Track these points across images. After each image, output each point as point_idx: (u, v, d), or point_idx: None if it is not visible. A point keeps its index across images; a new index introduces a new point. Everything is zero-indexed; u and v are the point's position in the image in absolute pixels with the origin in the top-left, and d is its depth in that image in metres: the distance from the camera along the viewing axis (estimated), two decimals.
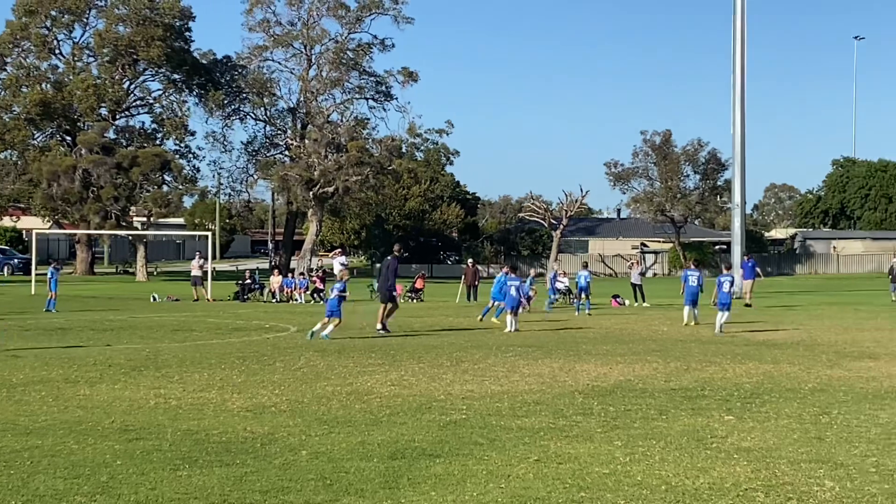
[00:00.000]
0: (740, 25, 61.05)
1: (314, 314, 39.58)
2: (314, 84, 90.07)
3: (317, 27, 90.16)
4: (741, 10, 60.95)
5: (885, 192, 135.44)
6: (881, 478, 10.69)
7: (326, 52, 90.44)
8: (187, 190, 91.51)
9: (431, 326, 32.59)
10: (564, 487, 10.28)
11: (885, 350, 24.62)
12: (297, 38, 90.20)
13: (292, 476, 10.81)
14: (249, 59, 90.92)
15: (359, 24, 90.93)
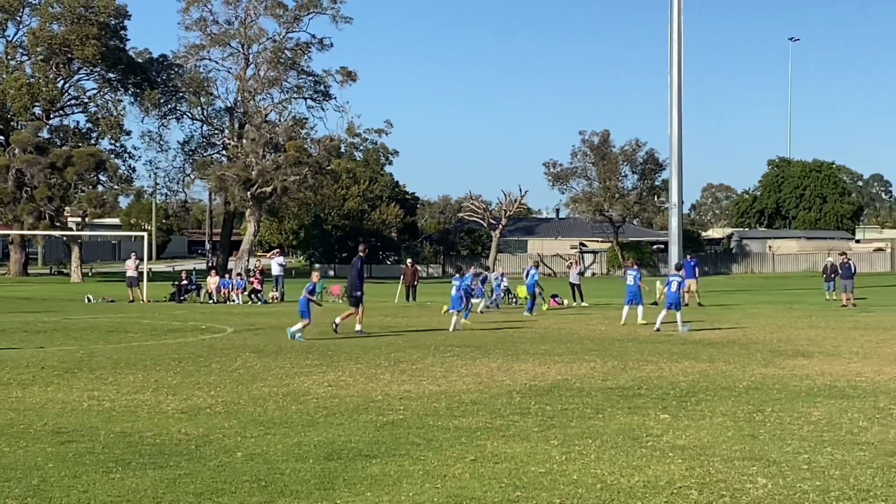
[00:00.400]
0: (677, 26, 61.42)
1: (251, 315, 39.47)
2: (252, 83, 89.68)
3: (254, 26, 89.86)
4: (678, 11, 61.32)
5: (820, 192, 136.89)
6: (813, 475, 10.77)
7: (264, 51, 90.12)
8: (123, 190, 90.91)
9: (369, 327, 32.45)
10: (500, 487, 10.28)
11: (819, 348, 24.84)
12: (234, 37, 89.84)
13: (227, 478, 10.73)
14: (186, 58, 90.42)
15: (297, 23, 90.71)
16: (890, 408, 15.24)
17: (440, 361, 21.88)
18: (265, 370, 20.36)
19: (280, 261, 56.13)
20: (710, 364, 21.29)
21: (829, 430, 13.37)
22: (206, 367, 20.88)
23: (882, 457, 11.69)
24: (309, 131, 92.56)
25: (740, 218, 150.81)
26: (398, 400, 16.19)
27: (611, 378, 18.99)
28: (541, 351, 24.21)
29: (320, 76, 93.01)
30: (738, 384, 18.06)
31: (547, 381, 18.63)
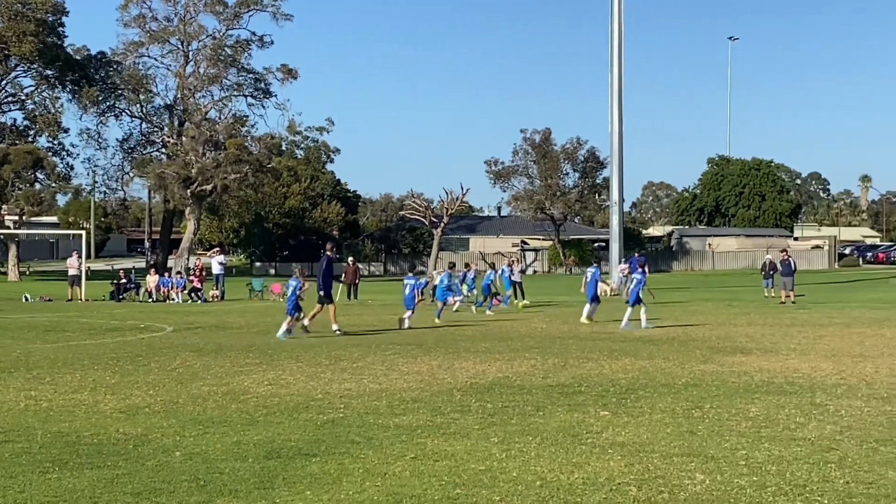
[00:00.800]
0: (617, 25, 61.79)
1: (191, 314, 39.25)
2: (191, 81, 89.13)
3: (194, 23, 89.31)
4: (618, 10, 61.66)
5: (759, 190, 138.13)
6: (750, 470, 10.86)
7: (204, 48, 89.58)
8: (61, 188, 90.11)
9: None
10: (440, 485, 10.27)
11: (757, 345, 25.05)
12: (173, 34, 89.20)
13: (165, 477, 10.66)
14: (125, 55, 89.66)
15: (237, 20, 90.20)
16: (827, 404, 15.38)
17: (381, 360, 21.86)
18: (205, 369, 20.25)
19: (220, 259, 55.89)
20: (649, 361, 21.40)
21: (766, 426, 13.48)
22: (145, 367, 20.74)
23: (818, 452, 11.79)
24: (249, 129, 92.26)
25: (680, 216, 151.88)
26: (339, 398, 16.15)
27: (551, 375, 19.05)
28: (482, 349, 24.24)
29: (261, 74, 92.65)
30: (678, 381, 18.17)
31: (488, 378, 18.66)
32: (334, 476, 10.69)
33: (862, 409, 14.94)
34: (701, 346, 24.69)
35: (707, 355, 22.60)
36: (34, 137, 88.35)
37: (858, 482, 10.34)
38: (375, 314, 38.19)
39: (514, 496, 9.86)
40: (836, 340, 26.29)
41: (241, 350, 24.10)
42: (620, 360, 21.51)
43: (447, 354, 22.80)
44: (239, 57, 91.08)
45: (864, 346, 24.52)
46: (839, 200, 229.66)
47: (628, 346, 24.72)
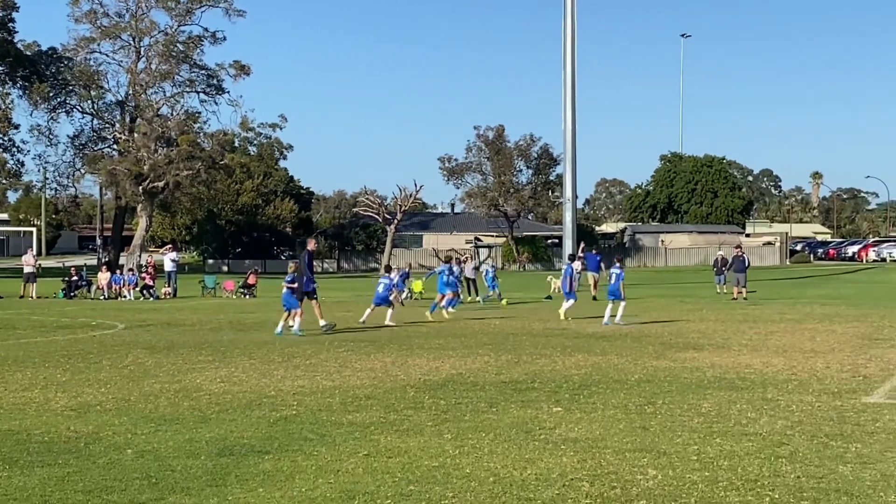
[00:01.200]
0: (571, 22, 61.92)
1: (143, 311, 39.05)
2: (143, 77, 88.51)
3: (146, 19, 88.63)
4: (571, 7, 61.80)
5: (711, 186, 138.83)
6: (702, 465, 10.92)
7: (156, 44, 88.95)
8: (11, 185, 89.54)
9: (264, 322, 32.31)
10: (394, 481, 10.27)
11: (709, 341, 25.19)
12: (125, 29, 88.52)
13: (117, 475, 10.59)
14: (76, 50, 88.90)
15: (189, 16, 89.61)
16: (778, 399, 15.49)
17: (334, 357, 21.82)
18: (157, 366, 20.15)
19: (173, 256, 55.62)
20: (602, 357, 21.48)
21: (718, 422, 13.56)
22: (97, 364, 20.62)
23: (770, 447, 11.87)
24: (202, 125, 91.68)
25: (633, 212, 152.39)
26: (291, 395, 16.11)
27: (504, 372, 19.08)
28: (435, 345, 24.25)
29: (213, 70, 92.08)
30: (630, 377, 18.25)
31: (441, 375, 18.67)
32: (287, 473, 10.66)
33: (813, 404, 15.05)
34: (654, 343, 24.80)
35: (660, 351, 22.71)
36: None
37: (809, 477, 10.42)
38: (328, 311, 38.05)
39: (467, 492, 9.86)
40: (787, 336, 26.48)
41: (194, 347, 23.99)
42: (573, 357, 21.57)
43: (401, 351, 22.80)
44: (191, 53, 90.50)
45: (815, 342, 24.70)
46: (790, 197, 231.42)
47: (581, 342, 24.80)
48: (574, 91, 62.15)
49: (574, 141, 62.30)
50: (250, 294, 52.52)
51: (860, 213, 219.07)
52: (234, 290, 53.80)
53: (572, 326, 29.89)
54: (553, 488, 9.98)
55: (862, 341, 24.85)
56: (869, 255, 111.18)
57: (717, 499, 9.62)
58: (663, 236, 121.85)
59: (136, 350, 23.36)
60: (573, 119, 62.11)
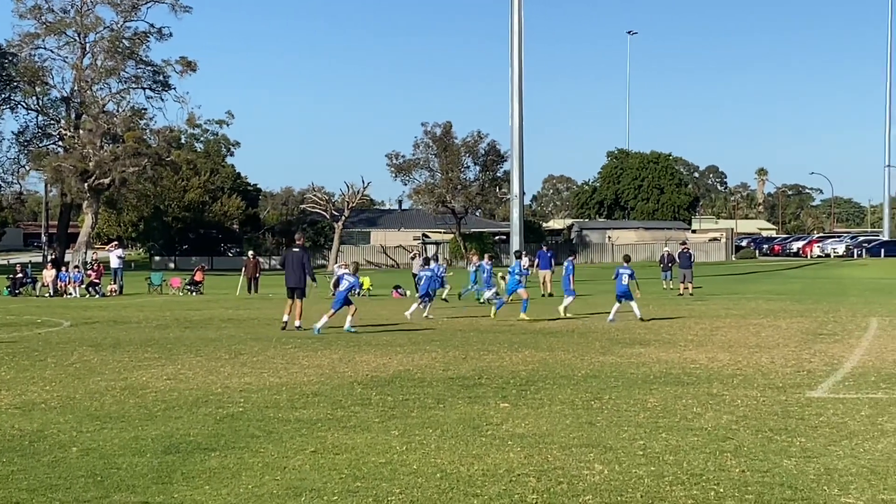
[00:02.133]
0: (517, 19, 62.07)
1: (89, 308, 38.77)
2: (89, 73, 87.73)
3: (91, 15, 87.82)
4: (518, 4, 61.95)
5: (657, 183, 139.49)
6: (647, 460, 10.98)
7: (101, 40, 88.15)
8: None
9: (210, 319, 32.18)
10: (340, 478, 10.26)
11: (655, 336, 25.34)
12: (70, 25, 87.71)
13: (61, 473, 10.52)
14: (20, 46, 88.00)
15: (135, 12, 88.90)
16: (723, 394, 15.61)
17: (282, 353, 21.77)
18: (102, 364, 20.03)
19: (119, 253, 55.30)
20: (549, 353, 21.55)
21: (664, 417, 13.64)
22: (42, 362, 20.46)
23: (715, 442, 11.96)
24: (148, 122, 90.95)
25: (580, 209, 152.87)
26: (238, 392, 16.06)
27: (452, 368, 19.10)
28: (383, 342, 24.24)
29: (159, 66, 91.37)
30: (577, 372, 18.32)
31: (388, 371, 18.67)
32: (233, 470, 10.63)
33: (757, 398, 15.19)
34: (600, 338, 24.91)
35: (606, 347, 22.82)
36: None
37: (754, 471, 10.51)
38: (277, 307, 37.97)
39: (413, 488, 9.87)
40: (732, 331, 26.69)
41: (140, 345, 23.86)
42: (521, 352, 21.63)
43: (348, 348, 22.77)
44: (137, 49, 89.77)
45: (760, 337, 24.92)
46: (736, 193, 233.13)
47: (528, 339, 24.87)
48: (521, 88, 62.32)
49: (521, 137, 62.46)
50: (197, 291, 52.34)
51: (805, 210, 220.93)
52: (180, 286, 53.59)
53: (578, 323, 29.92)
54: (500, 484, 10.00)
55: (806, 336, 25.08)
56: (813, 251, 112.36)
57: (663, 493, 9.68)
58: (610, 232, 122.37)
59: (82, 348, 23.20)
60: (520, 116, 62.28)
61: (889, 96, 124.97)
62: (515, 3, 61.95)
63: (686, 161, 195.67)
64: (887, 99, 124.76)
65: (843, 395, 15.72)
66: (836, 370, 18.70)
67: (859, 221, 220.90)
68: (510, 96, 62.56)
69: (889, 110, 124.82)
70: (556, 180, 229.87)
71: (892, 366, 19.31)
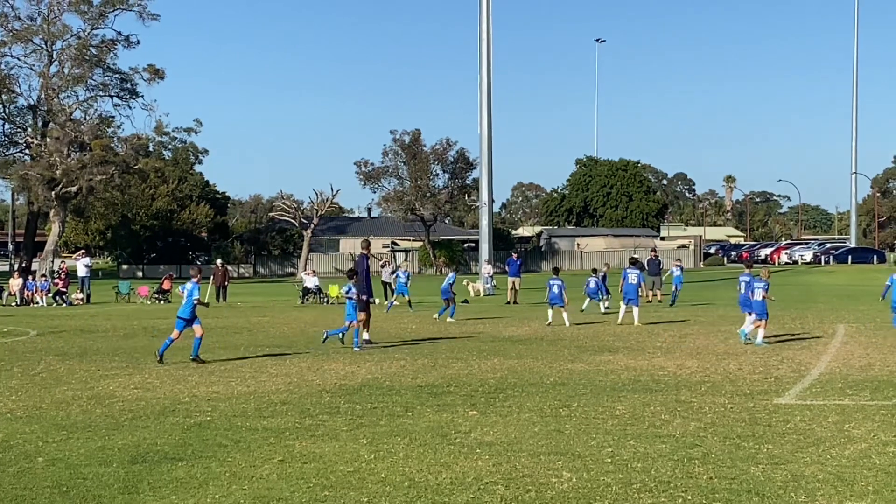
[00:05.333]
0: (486, 27, 62.16)
1: (56, 317, 38.55)
2: (56, 81, 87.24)
3: (58, 22, 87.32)
4: (486, 12, 62.04)
5: (626, 190, 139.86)
6: (616, 467, 11.00)
7: (68, 48, 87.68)
8: None
9: None
10: (308, 487, 10.24)
11: (624, 344, 25.39)
12: (37, 33, 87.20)
13: (27, 484, 10.47)
14: None
15: (102, 19, 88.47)
16: (691, 401, 15.66)
17: (250, 362, 21.73)
18: (69, 373, 19.93)
19: (86, 262, 55.02)
20: (518, 361, 21.57)
21: (632, 424, 13.67)
22: (8, 371, 20.36)
23: (683, 449, 11.99)
24: (116, 130, 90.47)
25: (549, 216, 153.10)
26: (206, 401, 16.00)
27: (420, 376, 19.10)
28: (351, 350, 24.17)
29: (127, 74, 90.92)
30: (546, 380, 18.34)
31: (357, 380, 18.64)
32: (201, 480, 10.59)
33: (725, 405, 15.24)
34: (569, 346, 24.95)
35: (575, 354, 22.85)
36: None
37: (721, 478, 10.54)
38: (244, 316, 37.92)
39: (382, 497, 9.86)
40: (701, 338, 26.80)
41: (107, 354, 23.76)
42: (489, 360, 21.64)
43: (316, 356, 22.73)
44: (104, 57, 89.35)
45: (728, 344, 25.02)
46: (704, 200, 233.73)
47: (497, 346, 24.88)
48: (490, 95, 62.37)
49: (490, 145, 62.51)
50: (165, 300, 52.08)
51: (772, 217, 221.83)
52: (148, 295, 53.31)
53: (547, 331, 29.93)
54: (468, 492, 10.00)
55: (774, 343, 25.16)
56: (781, 258, 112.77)
57: (631, 501, 9.70)
58: (579, 240, 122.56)
59: (49, 357, 23.08)
60: (489, 123, 62.34)
61: (855, 104, 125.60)
62: (484, 11, 62.03)
63: (655, 168, 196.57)
64: (854, 107, 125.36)
65: (811, 401, 15.80)
66: (803, 377, 18.80)
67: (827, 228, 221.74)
68: (479, 104, 62.61)
69: (856, 118, 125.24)
70: (525, 188, 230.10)
71: (859, 372, 19.42)
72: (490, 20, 62.31)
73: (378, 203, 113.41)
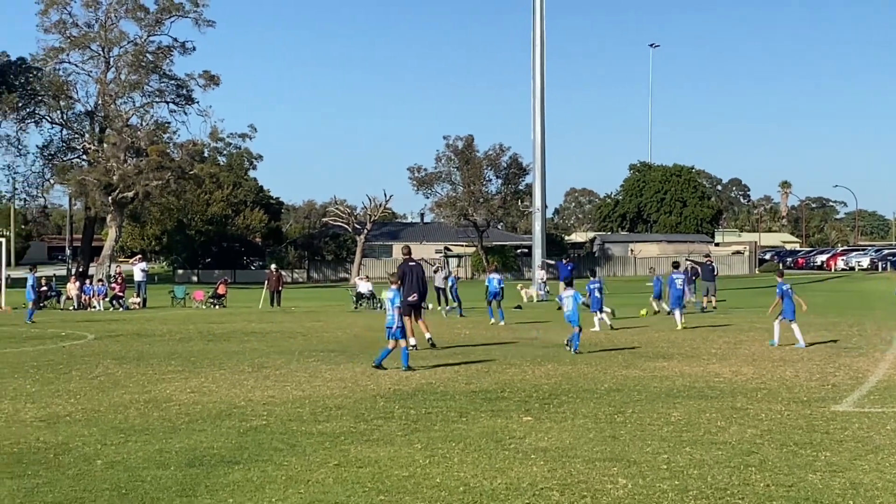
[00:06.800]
0: (539, 32, 62.08)
1: (113, 321, 38.86)
2: (113, 87, 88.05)
3: (115, 29, 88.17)
4: (540, 17, 61.99)
5: (680, 196, 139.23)
6: (671, 474, 10.95)
7: (125, 54, 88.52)
8: None
9: (233, 333, 32.23)
10: (364, 491, 10.26)
11: (679, 350, 25.25)
12: (94, 39, 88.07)
13: (86, 486, 10.55)
14: (45, 61, 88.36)
15: (158, 26, 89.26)
16: (747, 407, 15.55)
17: (304, 367, 21.79)
18: (126, 377, 20.08)
19: (142, 266, 55.47)
20: (572, 366, 21.50)
21: (687, 431, 13.60)
22: (66, 375, 20.52)
23: (739, 456, 11.92)
24: (171, 136, 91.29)
25: (602, 222, 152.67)
26: (262, 405, 16.07)
27: (475, 381, 19.08)
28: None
29: (183, 80, 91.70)
30: (600, 386, 18.28)
31: (411, 385, 18.65)
32: (257, 483, 10.64)
33: (782, 412, 15.13)
34: (623, 352, 24.84)
35: (629, 360, 22.75)
36: None
37: (778, 485, 10.47)
38: (298, 321, 38.05)
39: (437, 502, 9.87)
40: (756, 345, 26.60)
41: (164, 358, 23.91)
42: (543, 366, 21.59)
43: (370, 361, 22.71)
44: (160, 63, 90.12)
45: (784, 351, 24.82)
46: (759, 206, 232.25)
47: (551, 352, 24.81)
48: (543, 101, 62.30)
49: (543, 151, 62.43)
50: (220, 304, 52.42)
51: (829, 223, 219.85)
52: (203, 300, 53.68)
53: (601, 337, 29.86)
54: (523, 497, 9.99)
55: (831, 350, 24.98)
56: (837, 264, 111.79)
57: None
58: (632, 245, 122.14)
59: (106, 361, 23.26)
60: (542, 129, 62.25)
61: None
62: (537, 16, 61.98)
63: (709, 174, 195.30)
64: None
65: (869, 409, 15.65)
66: (861, 384, 18.62)
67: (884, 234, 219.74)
68: (532, 109, 62.56)
69: None
70: (578, 193, 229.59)
71: None
72: (543, 25, 62.26)
73: (431, 208, 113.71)
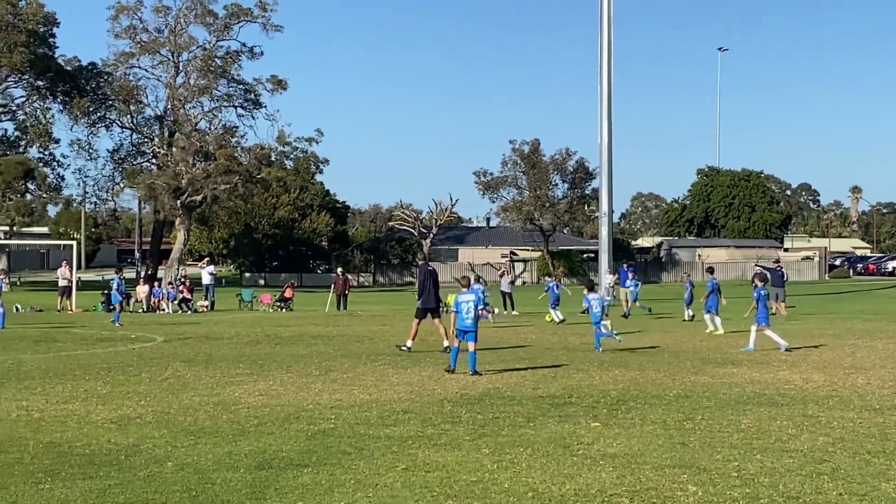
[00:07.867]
0: (607, 35, 61.85)
1: (181, 324, 39.17)
2: (182, 91, 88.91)
3: (184, 34, 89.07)
4: (608, 20, 61.75)
5: (748, 200, 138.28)
6: (742, 482, 10.85)
7: (194, 59, 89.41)
8: (51, 199, 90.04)
9: (301, 336, 32.37)
10: (432, 495, 10.26)
11: (748, 356, 25.05)
12: (164, 45, 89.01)
13: (157, 488, 10.63)
14: (115, 65, 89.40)
15: (227, 31, 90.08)
16: (818, 415, 15.39)
17: (371, 370, 21.83)
18: (196, 379, 20.22)
19: (210, 270, 55.89)
20: (640, 372, 21.39)
21: (758, 438, 13.48)
22: (136, 377, 20.70)
23: (811, 464, 11.80)
24: (239, 140, 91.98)
25: (670, 227, 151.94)
26: (329, 409, 16.12)
27: (542, 386, 19.03)
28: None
29: (251, 84, 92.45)
30: (669, 392, 18.17)
31: (478, 389, 18.64)
32: (325, 487, 10.67)
33: (854, 420, 14.96)
34: (691, 357, 24.68)
35: (698, 366, 22.59)
36: (25, 148, 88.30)
37: (851, 494, 10.35)
38: (365, 324, 38.16)
39: None
40: (827, 352, 26.34)
41: (232, 360, 24.06)
42: (611, 371, 21.49)
43: (437, 365, 22.75)
44: (229, 68, 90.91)
45: (856, 358, 24.55)
46: (829, 211, 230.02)
47: (618, 357, 24.70)
48: (610, 105, 62.03)
49: (610, 155, 62.17)
50: (287, 308, 52.70)
51: None
52: (270, 303, 53.97)
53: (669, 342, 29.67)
54: None
55: None
56: None
57: None
58: (700, 251, 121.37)
59: (175, 363, 23.44)
60: (609, 133, 61.99)
61: None
62: (605, 20, 61.77)
63: (778, 179, 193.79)
64: None
65: None
66: None
67: None
68: (599, 113, 62.31)
69: None
70: (644, 198, 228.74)
71: None
72: (611, 28, 62.02)
73: (497, 213, 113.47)
